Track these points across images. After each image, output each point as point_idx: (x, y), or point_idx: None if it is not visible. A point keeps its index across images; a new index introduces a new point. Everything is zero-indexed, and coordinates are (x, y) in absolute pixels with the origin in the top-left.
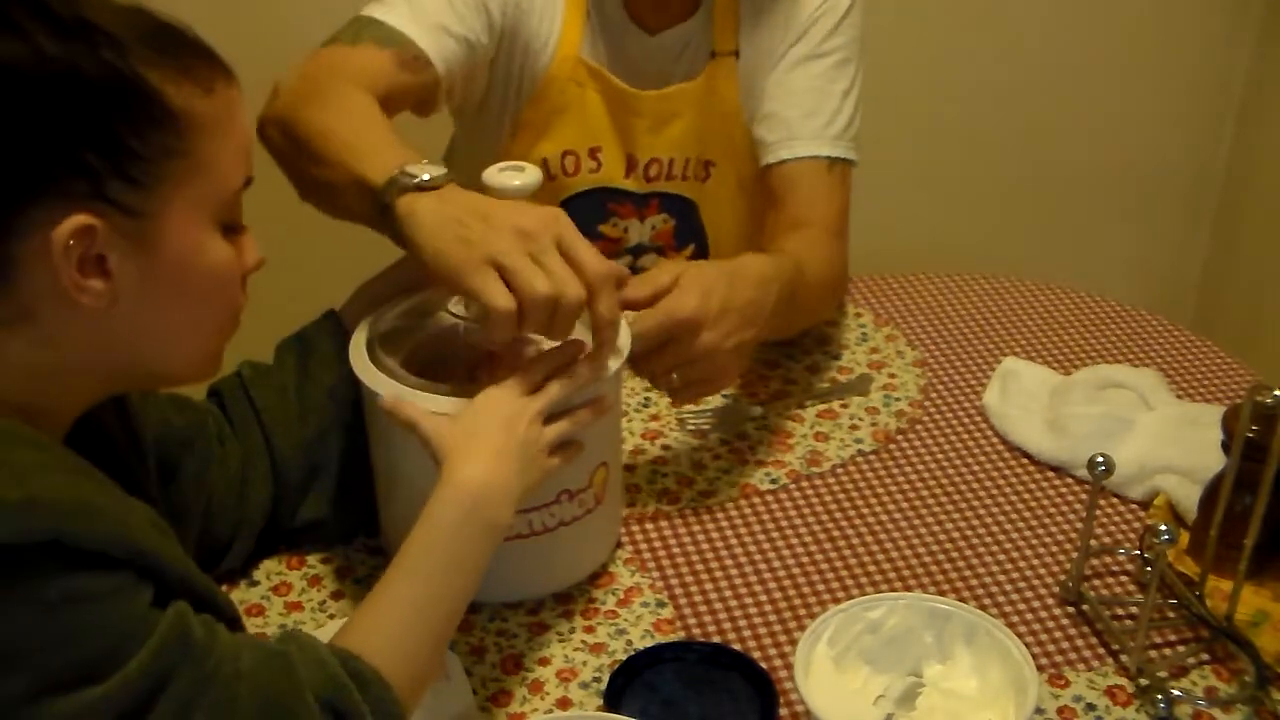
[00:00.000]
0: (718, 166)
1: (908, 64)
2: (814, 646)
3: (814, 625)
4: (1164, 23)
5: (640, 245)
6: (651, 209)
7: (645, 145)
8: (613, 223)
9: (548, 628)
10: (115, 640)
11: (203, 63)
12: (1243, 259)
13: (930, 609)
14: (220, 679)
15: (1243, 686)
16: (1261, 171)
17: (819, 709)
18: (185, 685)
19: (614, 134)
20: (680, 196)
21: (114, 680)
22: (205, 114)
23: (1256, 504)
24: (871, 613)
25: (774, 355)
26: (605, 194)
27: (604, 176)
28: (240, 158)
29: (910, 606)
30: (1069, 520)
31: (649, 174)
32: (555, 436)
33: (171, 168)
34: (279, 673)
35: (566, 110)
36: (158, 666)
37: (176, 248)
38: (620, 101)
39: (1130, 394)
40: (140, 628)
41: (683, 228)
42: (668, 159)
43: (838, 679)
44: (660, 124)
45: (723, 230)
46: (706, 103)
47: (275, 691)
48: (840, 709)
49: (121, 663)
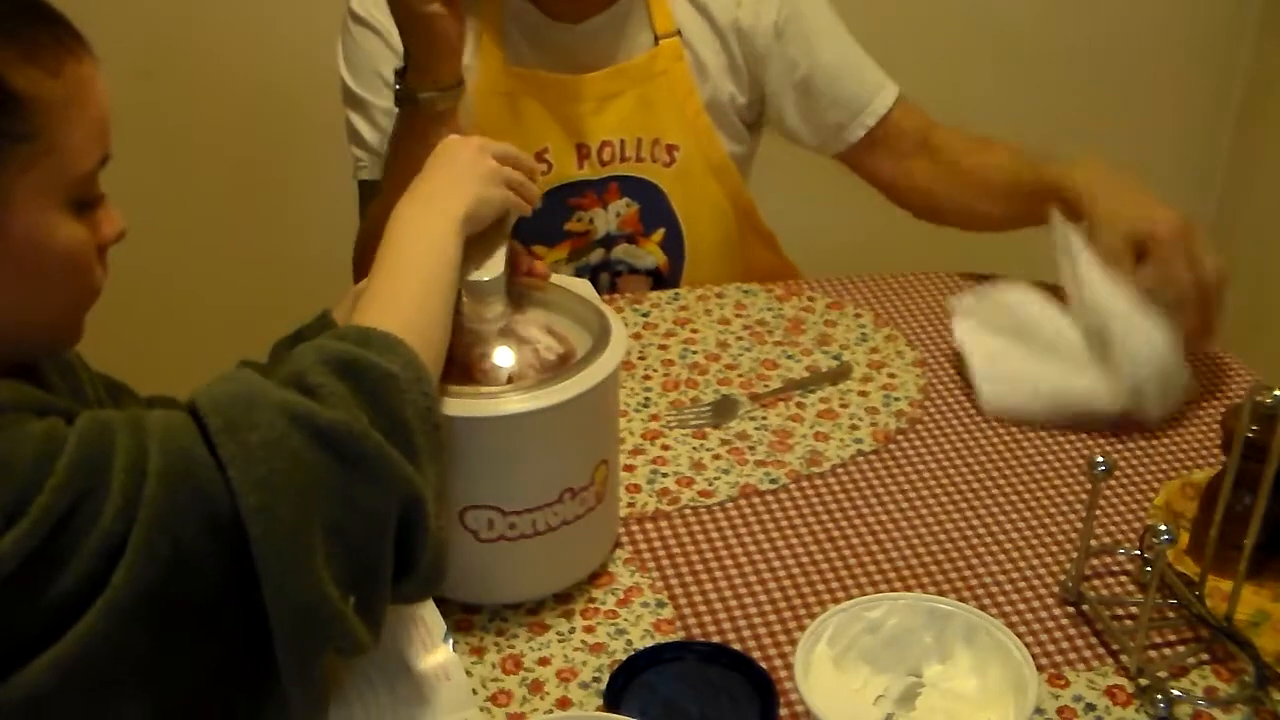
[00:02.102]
0: (682, 150)
1: (907, 63)
2: (814, 647)
3: (814, 625)
4: (1164, 22)
5: (609, 235)
6: (612, 193)
7: (592, 129)
8: (577, 218)
9: (548, 628)
10: (37, 446)
11: (51, 41)
12: (1243, 259)
13: (930, 609)
14: (155, 418)
15: (1243, 686)
16: (1261, 171)
17: (819, 709)
18: (125, 439)
19: (559, 129)
20: (641, 180)
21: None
22: (52, 96)
23: (1256, 504)
24: (871, 613)
25: (774, 355)
26: (564, 191)
27: (557, 175)
28: (94, 137)
29: (910, 606)
30: (1069, 520)
31: (603, 158)
32: (500, 164)
33: (14, 152)
34: (229, 380)
35: (502, 125)
36: (88, 442)
37: (23, 231)
38: (559, 93)
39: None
40: (56, 431)
41: (648, 212)
42: (618, 139)
43: (838, 679)
44: (603, 104)
45: (698, 213)
46: (655, 83)
47: (246, 380)
48: (840, 709)
49: (46, 472)
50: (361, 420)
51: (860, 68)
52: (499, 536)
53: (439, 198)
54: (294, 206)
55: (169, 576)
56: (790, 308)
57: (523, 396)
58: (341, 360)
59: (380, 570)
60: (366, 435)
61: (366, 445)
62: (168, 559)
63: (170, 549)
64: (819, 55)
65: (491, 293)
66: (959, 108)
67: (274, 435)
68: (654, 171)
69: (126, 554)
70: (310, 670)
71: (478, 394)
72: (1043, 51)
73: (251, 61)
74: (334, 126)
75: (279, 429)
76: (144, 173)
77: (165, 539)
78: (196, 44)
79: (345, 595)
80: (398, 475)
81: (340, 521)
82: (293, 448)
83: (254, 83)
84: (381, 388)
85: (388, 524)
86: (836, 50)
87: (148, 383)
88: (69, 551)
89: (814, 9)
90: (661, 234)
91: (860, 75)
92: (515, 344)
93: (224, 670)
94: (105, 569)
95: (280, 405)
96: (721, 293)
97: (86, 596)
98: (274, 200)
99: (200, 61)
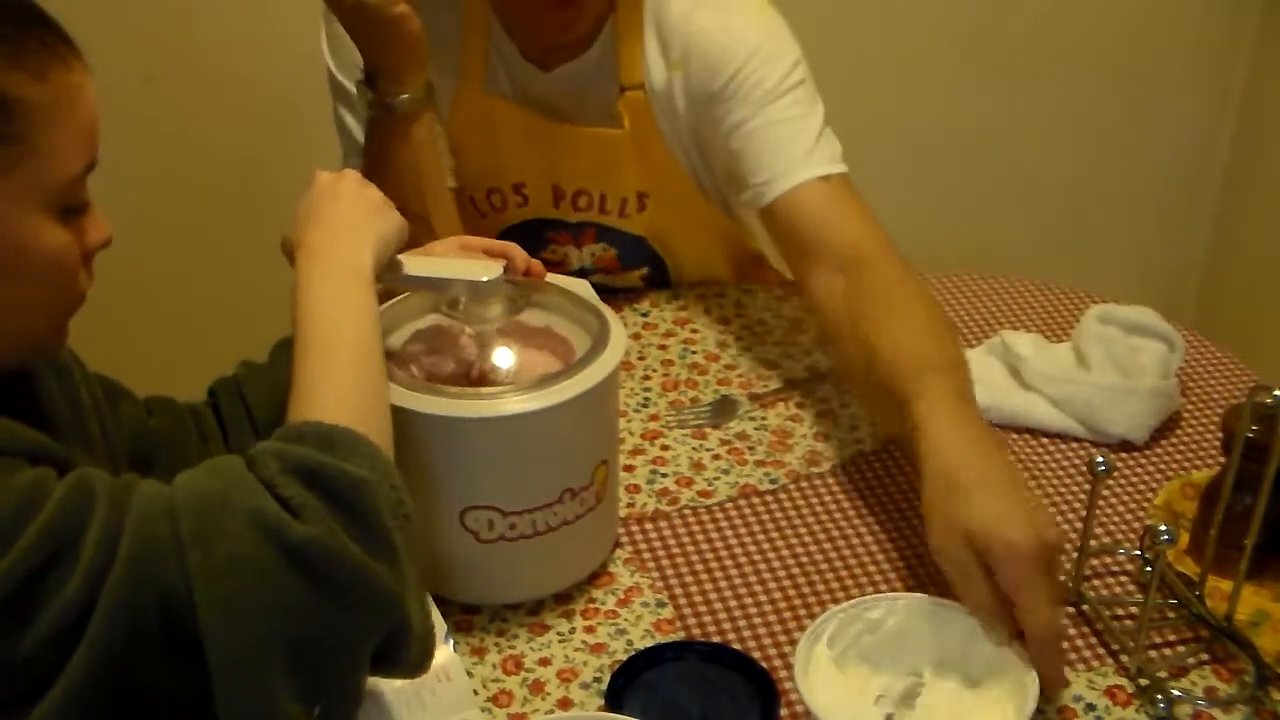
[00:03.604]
0: (652, 197)
1: (908, 63)
2: (814, 646)
3: (814, 626)
4: (1164, 23)
5: (583, 269)
6: (588, 238)
7: (566, 176)
8: (551, 249)
9: (548, 628)
10: (16, 502)
11: (39, 46)
12: (1243, 259)
13: (930, 609)
14: (141, 497)
15: (1243, 686)
16: (1261, 171)
17: (819, 709)
18: (103, 512)
19: (535, 166)
20: (620, 231)
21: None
22: (39, 101)
23: (1256, 504)
24: (871, 613)
25: (774, 355)
26: (540, 224)
27: (533, 210)
28: (81, 143)
29: (909, 607)
30: (1069, 520)
31: (577, 204)
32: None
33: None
34: (210, 474)
35: (481, 153)
36: (67, 509)
37: (6, 235)
38: (536, 133)
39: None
40: (40, 488)
41: (627, 255)
42: (598, 193)
43: (838, 679)
44: (576, 156)
45: (680, 251)
46: (618, 142)
47: (207, 489)
48: (840, 709)
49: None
50: (338, 535)
51: (795, 142)
52: (499, 537)
53: (341, 248)
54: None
55: (125, 666)
56: (790, 308)
57: (523, 396)
58: (307, 469)
59: (350, 684)
60: (343, 552)
61: (344, 564)
62: (124, 649)
63: (126, 639)
64: (761, 124)
65: (491, 293)
66: (959, 107)
67: (242, 549)
68: (629, 222)
69: (85, 636)
70: None
71: (478, 394)
72: (1042, 51)
73: (253, 64)
74: (334, 128)
75: (248, 542)
76: (145, 173)
77: (123, 628)
78: (198, 47)
79: (308, 711)
80: (378, 589)
81: (308, 640)
82: (262, 565)
83: (255, 85)
84: (355, 495)
85: (364, 640)
86: (782, 119)
87: (147, 383)
88: (32, 613)
89: (785, 82)
90: (644, 271)
91: (791, 148)
92: (515, 344)
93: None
94: (69, 638)
95: (252, 514)
96: (721, 293)
97: (50, 663)
98: (274, 201)
99: (202, 64)
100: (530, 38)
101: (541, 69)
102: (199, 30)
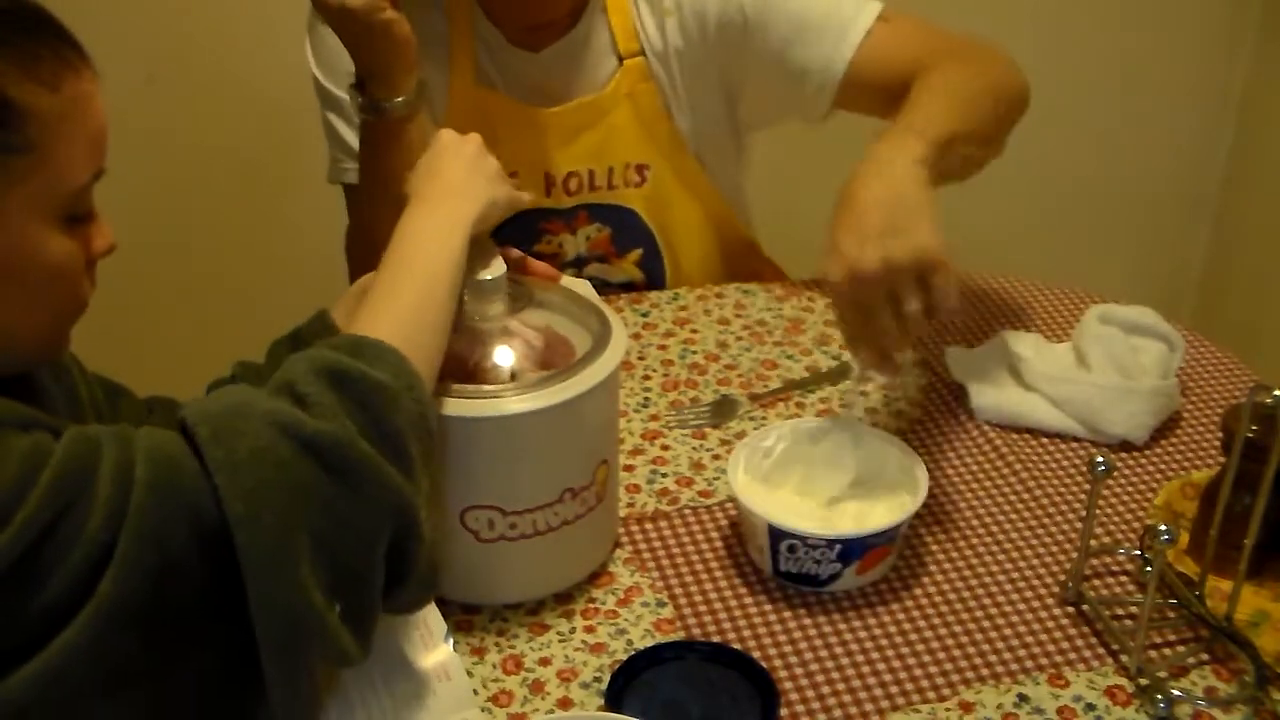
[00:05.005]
0: (653, 168)
1: None
2: (736, 474)
3: (730, 460)
4: (1164, 24)
5: (580, 257)
6: (580, 220)
7: (558, 162)
8: (546, 240)
9: (548, 628)
10: (20, 463)
11: (51, 56)
12: (1243, 259)
13: (810, 429)
14: (145, 431)
15: (1243, 686)
16: (1261, 172)
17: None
18: (112, 451)
19: (526, 156)
20: (612, 205)
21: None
22: (50, 111)
23: (1256, 504)
24: (764, 442)
25: (774, 355)
26: (532, 215)
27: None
28: (89, 153)
29: (795, 429)
30: (1069, 520)
31: (569, 188)
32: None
33: (9, 164)
34: (221, 393)
35: None
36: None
37: (12, 243)
38: (525, 123)
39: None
40: (40, 448)
41: (621, 235)
42: (586, 170)
43: (769, 494)
44: (568, 138)
45: (675, 229)
46: (620, 108)
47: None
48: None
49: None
50: (349, 430)
51: (831, 12)
52: (499, 536)
53: (451, 199)
54: (293, 209)
55: (157, 584)
56: (790, 308)
57: (523, 396)
58: (332, 370)
59: (369, 580)
60: (353, 445)
61: (353, 455)
62: (155, 566)
63: (157, 557)
64: (783, 13)
65: (492, 292)
66: None
67: (261, 444)
68: (625, 195)
69: (113, 562)
70: (297, 678)
71: (478, 394)
72: (1042, 51)
73: (253, 64)
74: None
75: (266, 438)
76: (146, 175)
77: (152, 547)
78: (198, 47)
79: (332, 604)
80: (387, 485)
81: (327, 531)
82: (280, 457)
83: (255, 85)
84: (372, 397)
85: (377, 534)
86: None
87: (147, 383)
88: (53, 562)
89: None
90: (639, 254)
91: (830, 17)
92: (515, 344)
93: (213, 678)
94: (92, 578)
95: (268, 414)
96: (721, 293)
97: (72, 607)
98: (273, 202)
99: (202, 64)
100: (513, 23)
101: (532, 51)
102: (199, 30)
